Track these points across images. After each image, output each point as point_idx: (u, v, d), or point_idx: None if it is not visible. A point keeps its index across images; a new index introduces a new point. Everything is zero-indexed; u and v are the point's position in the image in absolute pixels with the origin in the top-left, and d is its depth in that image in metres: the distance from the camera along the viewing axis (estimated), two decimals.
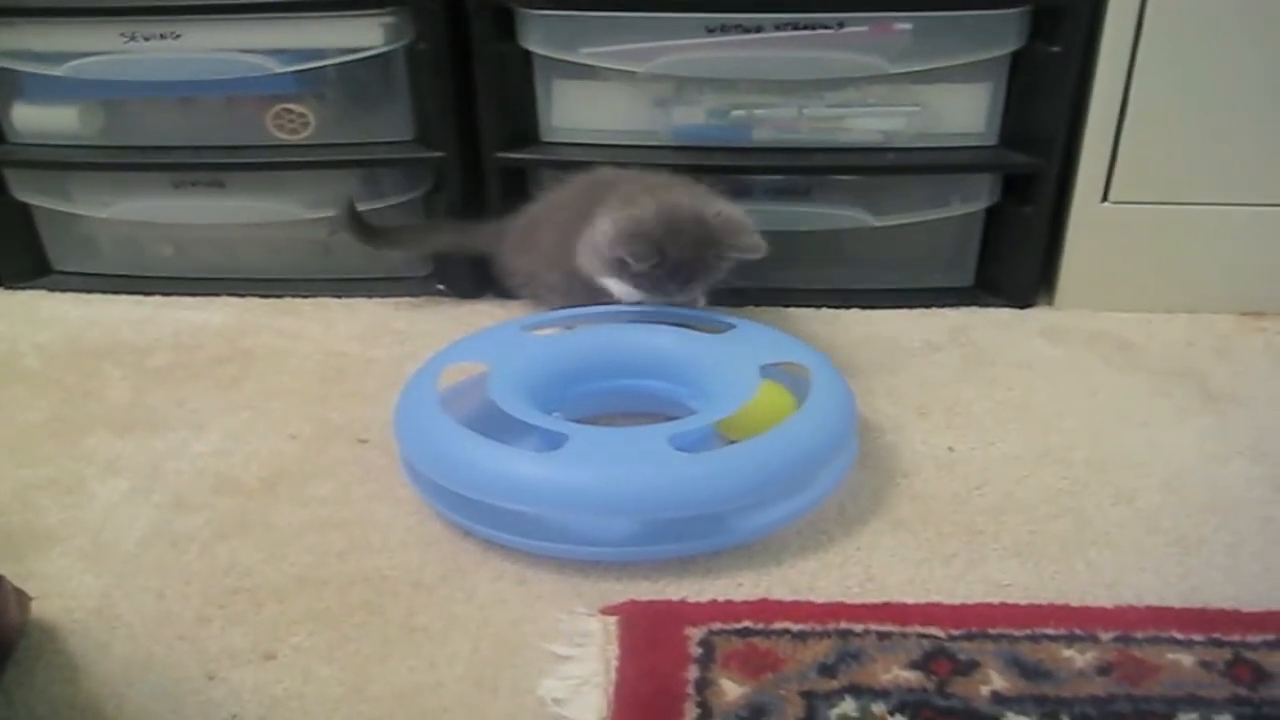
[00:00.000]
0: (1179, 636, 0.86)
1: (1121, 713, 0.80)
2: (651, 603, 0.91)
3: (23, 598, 0.90)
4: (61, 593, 0.94)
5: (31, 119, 1.37)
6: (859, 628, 0.87)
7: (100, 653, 0.88)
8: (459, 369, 1.09)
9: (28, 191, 1.42)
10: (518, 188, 1.34)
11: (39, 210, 1.44)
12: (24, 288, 1.46)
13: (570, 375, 1.09)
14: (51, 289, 1.45)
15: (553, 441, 0.96)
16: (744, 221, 1.12)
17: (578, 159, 1.30)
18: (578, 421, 1.02)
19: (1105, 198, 1.27)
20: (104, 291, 1.44)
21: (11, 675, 0.85)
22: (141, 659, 0.87)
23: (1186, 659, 0.84)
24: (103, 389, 1.24)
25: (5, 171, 1.41)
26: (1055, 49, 1.21)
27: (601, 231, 1.11)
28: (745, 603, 0.91)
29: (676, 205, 1.11)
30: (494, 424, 0.99)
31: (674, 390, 1.10)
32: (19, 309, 1.42)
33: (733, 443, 0.97)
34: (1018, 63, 1.24)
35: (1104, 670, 0.83)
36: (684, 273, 1.10)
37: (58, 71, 1.31)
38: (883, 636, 0.86)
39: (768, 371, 1.04)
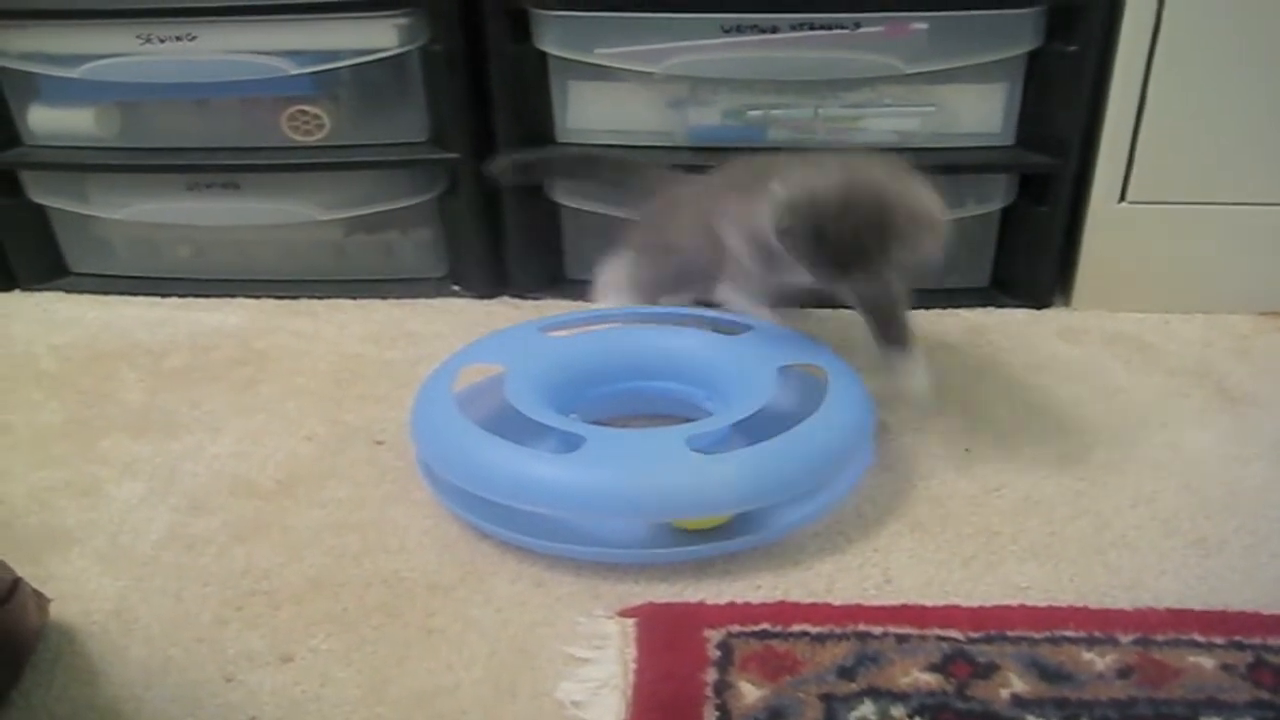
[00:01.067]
0: (1200, 639, 0.85)
1: (1142, 716, 0.79)
2: (669, 605, 0.91)
3: (41, 600, 0.90)
4: (79, 595, 0.94)
5: (48, 121, 1.38)
6: (877, 630, 0.87)
7: (118, 655, 0.88)
8: (476, 370, 1.08)
9: (44, 193, 1.42)
10: (534, 189, 1.34)
11: (55, 212, 1.44)
12: (40, 289, 1.46)
13: (588, 377, 1.09)
14: (68, 290, 1.46)
15: (570, 443, 0.96)
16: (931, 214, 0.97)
17: None
18: (595, 423, 1.01)
19: (1122, 198, 1.27)
20: (120, 293, 1.45)
21: (30, 678, 0.85)
22: (160, 661, 0.87)
23: (1207, 662, 0.83)
24: (119, 391, 1.24)
25: (22, 174, 1.41)
26: (1072, 48, 1.20)
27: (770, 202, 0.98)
28: (763, 605, 0.90)
29: (855, 179, 0.97)
30: (511, 425, 0.99)
31: (691, 392, 1.10)
32: (35, 311, 1.42)
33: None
34: (1034, 62, 1.23)
35: (1124, 673, 0.83)
36: (845, 258, 0.96)
37: (74, 74, 1.31)
38: (901, 639, 0.86)
39: (785, 373, 1.03)
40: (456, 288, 1.41)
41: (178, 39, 1.29)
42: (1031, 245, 1.32)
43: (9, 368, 1.30)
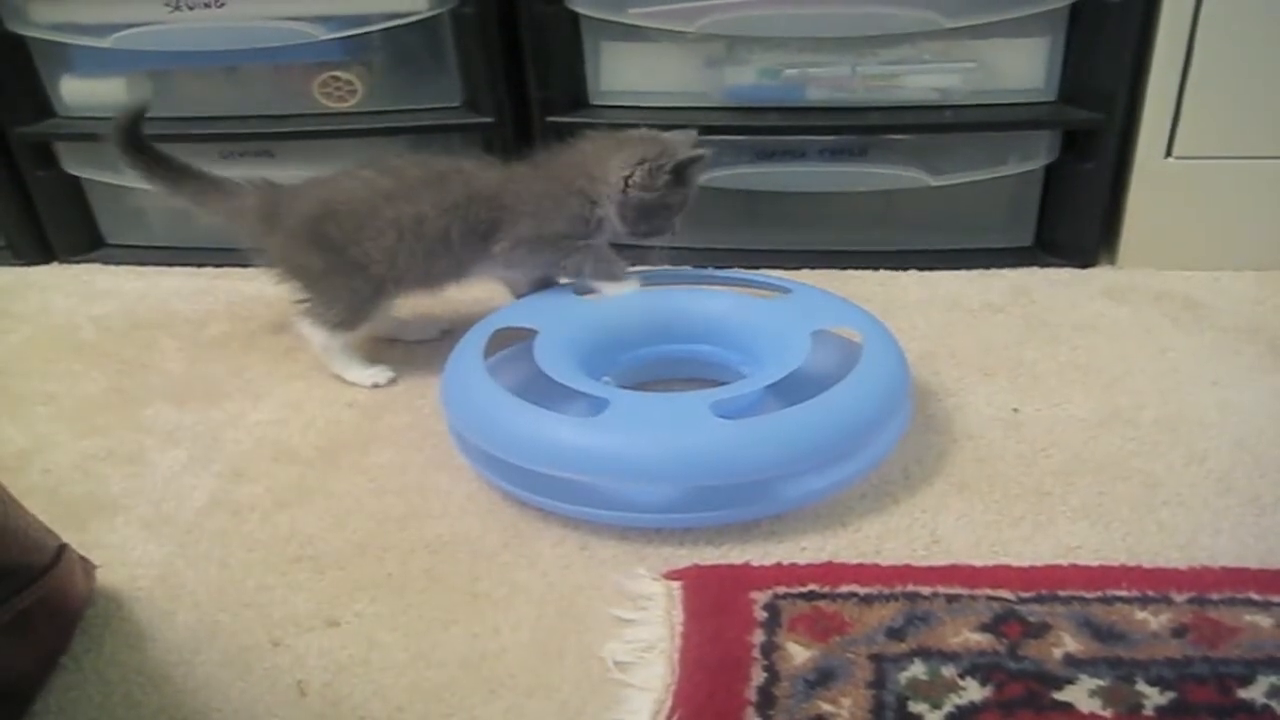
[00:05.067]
0: (1256, 598, 0.84)
1: (1199, 675, 0.78)
2: (715, 567, 0.90)
3: (88, 566, 0.91)
4: (125, 561, 0.94)
5: (80, 92, 1.38)
6: (927, 590, 0.86)
7: (166, 620, 0.89)
8: (514, 332, 1.08)
9: (78, 164, 1.43)
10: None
11: (90, 183, 1.45)
12: (78, 261, 1.47)
13: (622, 340, 1.09)
14: (105, 262, 1.47)
15: (596, 407, 0.95)
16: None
17: (628, 122, 1.27)
18: (629, 387, 1.00)
19: (1169, 153, 1.24)
20: (156, 264, 1.45)
21: (80, 643, 0.86)
22: (207, 626, 0.88)
23: (1265, 621, 0.82)
24: (159, 360, 1.24)
25: (56, 145, 1.42)
26: None
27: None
28: (810, 566, 0.89)
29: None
30: (544, 389, 0.98)
31: (726, 355, 1.09)
32: (73, 282, 1.43)
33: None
34: (1077, 15, 1.21)
35: (1179, 632, 0.81)
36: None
37: (105, 43, 1.31)
38: (951, 599, 0.85)
39: (820, 337, 1.02)
40: None
41: (206, 5, 1.28)
42: (1076, 203, 1.30)
43: (50, 339, 1.30)
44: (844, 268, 1.32)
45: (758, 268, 1.21)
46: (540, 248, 1.11)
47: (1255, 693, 0.76)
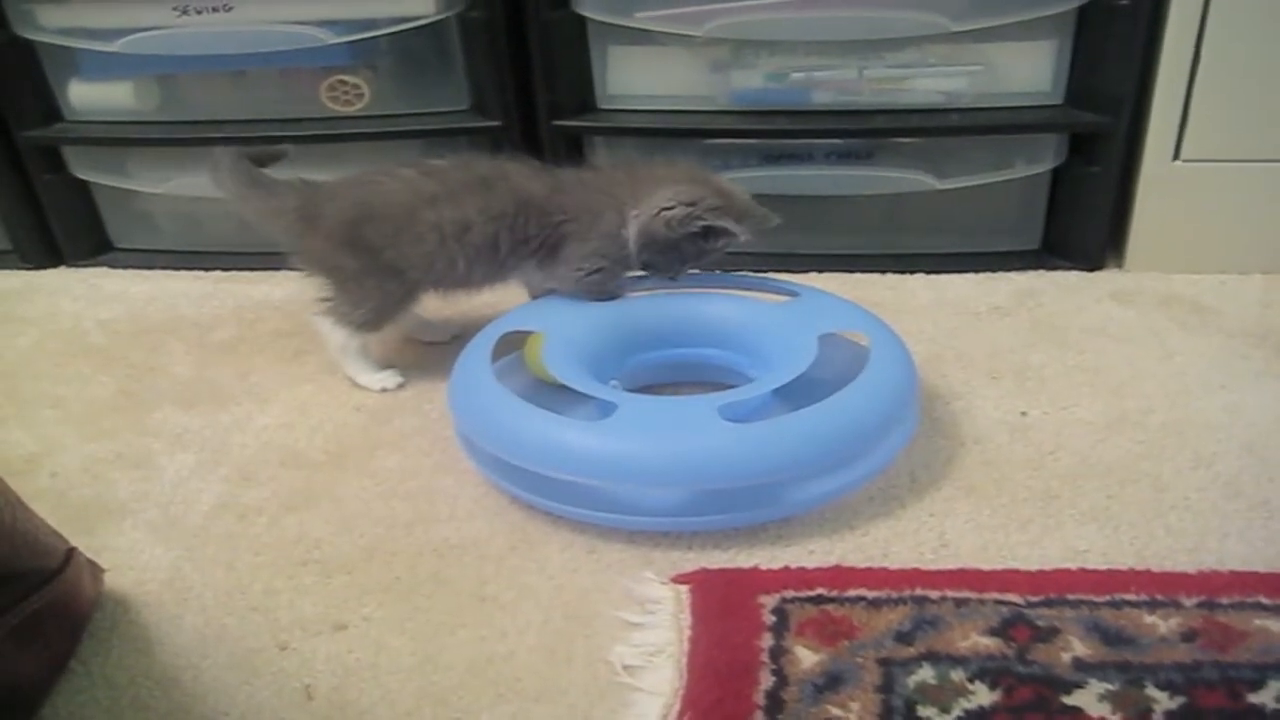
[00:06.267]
0: (1266, 602, 0.83)
1: (1209, 680, 0.78)
2: (723, 571, 0.90)
3: (96, 570, 0.91)
4: (133, 565, 0.95)
5: (88, 96, 1.39)
6: (935, 594, 0.86)
7: (173, 624, 0.89)
8: (522, 336, 1.08)
9: (86, 169, 1.43)
10: (576, 155, 1.32)
11: (98, 187, 1.45)
12: (86, 265, 1.47)
13: (629, 344, 1.08)
14: (113, 266, 1.47)
15: (603, 410, 0.95)
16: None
17: (635, 125, 1.28)
18: (637, 390, 1.00)
19: (1177, 156, 1.24)
20: (164, 268, 1.45)
21: (88, 646, 0.86)
22: (214, 630, 0.88)
23: (1275, 625, 0.81)
24: (167, 364, 1.24)
25: (64, 149, 1.42)
26: (1124, 2, 1.17)
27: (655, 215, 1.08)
28: (819, 570, 0.89)
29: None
30: (552, 393, 0.98)
31: (733, 359, 1.09)
32: (81, 286, 1.43)
33: None
34: (1084, 17, 1.21)
35: (1189, 637, 0.81)
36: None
37: (112, 47, 1.31)
38: (960, 603, 0.85)
39: (828, 340, 1.02)
40: None
41: (214, 10, 1.29)
42: (1083, 206, 1.30)
43: (58, 342, 1.31)
44: (851, 271, 1.32)
45: (764, 271, 1.21)
46: (573, 258, 1.10)
47: (1265, 697, 0.76)
